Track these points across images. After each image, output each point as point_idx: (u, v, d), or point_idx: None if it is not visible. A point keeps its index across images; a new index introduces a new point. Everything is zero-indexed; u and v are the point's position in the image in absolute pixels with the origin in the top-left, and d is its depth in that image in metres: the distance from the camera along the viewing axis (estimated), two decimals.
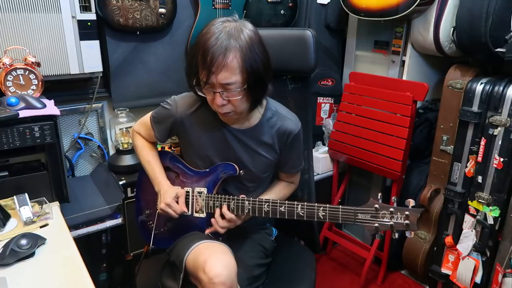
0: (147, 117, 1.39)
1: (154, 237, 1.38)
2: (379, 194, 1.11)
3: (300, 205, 1.16)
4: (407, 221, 1.06)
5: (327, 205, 1.14)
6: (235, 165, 1.27)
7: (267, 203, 1.19)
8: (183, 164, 1.36)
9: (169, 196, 1.27)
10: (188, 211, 1.31)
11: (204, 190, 1.29)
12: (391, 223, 1.08)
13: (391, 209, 1.08)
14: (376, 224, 1.09)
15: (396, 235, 1.11)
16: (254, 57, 1.11)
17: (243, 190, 1.31)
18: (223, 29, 1.09)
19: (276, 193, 1.38)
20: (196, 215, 1.31)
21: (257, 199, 1.22)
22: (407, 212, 1.06)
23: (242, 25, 1.12)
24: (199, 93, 1.17)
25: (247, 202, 1.22)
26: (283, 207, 1.18)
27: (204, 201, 1.29)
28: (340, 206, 1.12)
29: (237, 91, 1.11)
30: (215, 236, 1.31)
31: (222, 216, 1.25)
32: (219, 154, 1.29)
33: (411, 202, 1.08)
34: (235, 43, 1.08)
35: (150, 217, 1.42)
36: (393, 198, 1.11)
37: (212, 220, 1.26)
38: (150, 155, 1.40)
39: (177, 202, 1.28)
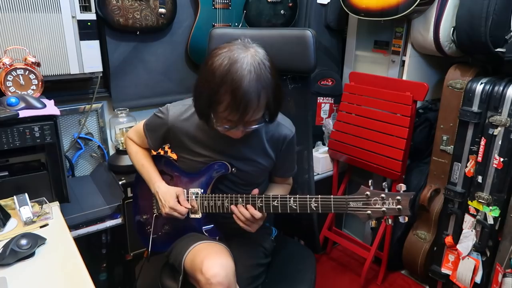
0: (140, 125, 1.39)
1: (152, 242, 1.39)
2: (370, 181, 1.10)
3: (292, 198, 1.16)
4: (399, 206, 1.05)
5: (319, 196, 1.14)
6: (227, 163, 1.27)
7: (260, 199, 1.20)
8: (177, 167, 1.36)
9: (170, 198, 1.27)
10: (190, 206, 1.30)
11: (199, 190, 1.29)
12: (383, 209, 1.07)
13: (382, 195, 1.07)
14: (369, 211, 1.08)
15: (390, 221, 1.10)
16: (277, 89, 1.11)
17: (239, 193, 1.31)
18: (249, 67, 1.04)
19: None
20: (192, 216, 1.31)
21: (250, 195, 1.21)
22: (398, 197, 1.05)
23: (260, 57, 1.07)
24: (214, 125, 1.13)
25: (240, 199, 1.22)
26: (275, 201, 1.18)
27: (199, 201, 1.29)
28: (332, 196, 1.12)
29: (259, 123, 1.13)
30: (212, 236, 1.31)
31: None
32: (214, 160, 1.28)
33: (403, 187, 1.07)
34: (264, 84, 1.06)
35: (148, 222, 1.42)
36: (383, 184, 1.10)
37: (242, 214, 1.21)
38: (144, 159, 1.39)
39: (178, 202, 1.28)
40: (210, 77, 1.06)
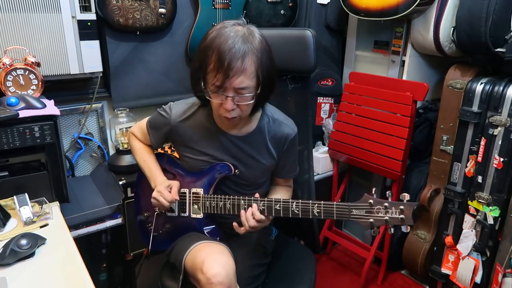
0: (143, 122, 1.40)
1: (153, 239, 1.39)
2: (373, 189, 1.10)
3: (295, 203, 1.16)
4: (402, 216, 1.06)
5: (321, 201, 1.14)
6: (230, 164, 1.27)
7: (262, 202, 1.19)
8: (179, 166, 1.36)
9: (162, 185, 1.28)
10: (179, 198, 1.30)
11: (200, 190, 1.29)
12: (386, 218, 1.07)
13: (386, 204, 1.07)
14: (371, 220, 1.08)
15: (392, 230, 1.10)
16: (267, 62, 1.12)
17: (241, 194, 1.31)
18: (236, 32, 1.08)
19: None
20: (193, 216, 1.31)
21: (252, 198, 1.21)
22: (401, 207, 1.06)
23: (252, 29, 1.12)
24: (207, 98, 1.15)
25: (242, 201, 1.22)
26: (278, 205, 1.18)
27: (201, 201, 1.29)
28: (335, 202, 1.12)
29: (250, 96, 1.12)
30: (213, 236, 1.31)
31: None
32: (216, 159, 1.29)
33: (406, 196, 1.07)
34: (251, 47, 1.08)
35: (149, 219, 1.42)
36: (387, 192, 1.10)
37: (242, 219, 1.20)
38: (146, 155, 1.40)
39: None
40: (202, 44, 1.12)
